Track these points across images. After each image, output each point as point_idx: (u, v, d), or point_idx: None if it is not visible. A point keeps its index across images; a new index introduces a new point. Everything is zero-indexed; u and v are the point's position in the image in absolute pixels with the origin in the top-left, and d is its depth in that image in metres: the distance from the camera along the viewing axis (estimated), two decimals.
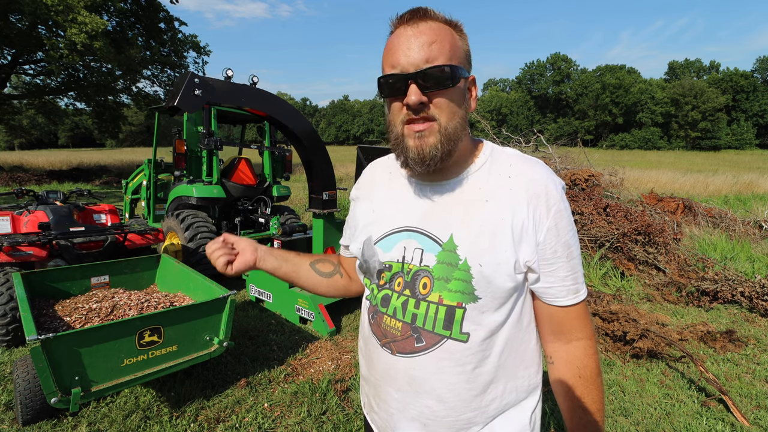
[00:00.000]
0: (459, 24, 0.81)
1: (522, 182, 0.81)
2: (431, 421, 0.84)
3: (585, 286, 0.85)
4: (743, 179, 14.94)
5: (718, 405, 2.63)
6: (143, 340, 2.18)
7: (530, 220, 0.79)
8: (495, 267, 0.78)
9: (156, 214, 5.73)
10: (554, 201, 0.80)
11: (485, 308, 0.79)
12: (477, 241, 0.79)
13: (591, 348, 0.85)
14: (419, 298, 0.82)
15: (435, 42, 0.75)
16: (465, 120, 0.81)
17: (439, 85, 0.75)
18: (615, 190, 7.37)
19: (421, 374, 0.83)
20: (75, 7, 11.76)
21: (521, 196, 0.80)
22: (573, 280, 0.82)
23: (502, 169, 0.84)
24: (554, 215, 0.79)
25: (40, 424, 2.30)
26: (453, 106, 0.77)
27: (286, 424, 2.41)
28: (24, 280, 2.71)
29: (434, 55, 0.74)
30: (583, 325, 0.85)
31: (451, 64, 0.75)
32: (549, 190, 0.80)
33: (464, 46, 0.80)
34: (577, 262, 0.83)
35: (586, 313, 0.86)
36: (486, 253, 0.78)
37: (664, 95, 65.64)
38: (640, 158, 34.92)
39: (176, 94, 2.84)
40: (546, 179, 0.81)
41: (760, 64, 71.53)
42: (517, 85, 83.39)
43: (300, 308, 3.74)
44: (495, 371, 0.82)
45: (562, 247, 0.80)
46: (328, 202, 3.81)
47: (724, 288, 4.29)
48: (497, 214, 0.79)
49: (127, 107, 21.77)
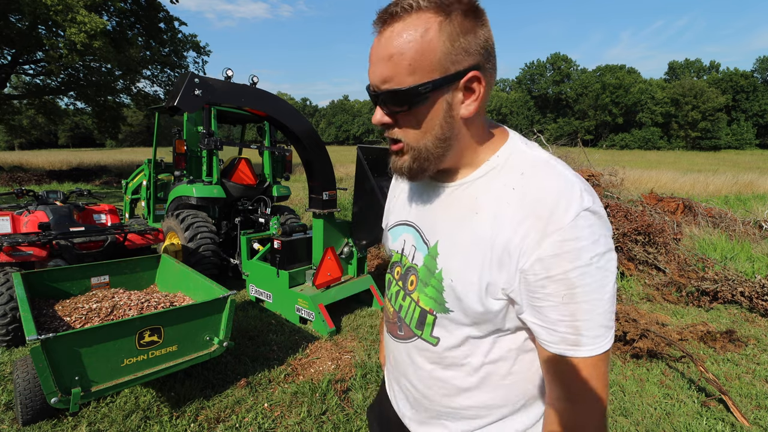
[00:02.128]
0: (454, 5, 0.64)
1: (525, 197, 0.68)
2: (414, 400, 0.89)
3: (599, 341, 0.66)
4: (743, 179, 14.95)
5: (718, 405, 2.63)
6: (143, 340, 2.18)
7: (518, 242, 0.66)
8: (464, 286, 0.72)
9: (156, 214, 5.73)
10: (557, 226, 0.63)
11: (457, 321, 0.76)
12: (453, 255, 0.75)
13: (587, 417, 0.68)
14: (407, 292, 0.85)
15: (393, 56, 0.65)
16: (447, 134, 0.70)
17: (396, 108, 0.69)
18: (615, 190, 7.38)
19: (400, 358, 0.89)
20: (74, 7, 11.76)
21: (519, 213, 0.67)
22: (571, 328, 0.65)
23: (509, 178, 0.71)
24: (553, 243, 0.63)
25: (40, 424, 2.30)
26: (420, 125, 0.70)
27: (286, 424, 2.41)
28: (24, 280, 2.71)
29: (389, 74, 0.66)
30: (585, 384, 0.67)
31: (408, 86, 0.65)
32: (556, 213, 0.64)
33: (448, 44, 0.64)
34: (584, 309, 0.64)
35: (594, 373, 0.67)
36: (458, 271, 0.73)
37: (664, 95, 65.65)
38: (640, 158, 34.93)
39: (176, 94, 2.83)
40: (557, 197, 0.65)
41: (760, 64, 71.56)
42: (517, 85, 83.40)
43: (300, 308, 3.74)
44: (473, 383, 0.79)
45: (556, 285, 0.64)
46: (328, 202, 3.81)
47: (724, 288, 4.29)
48: (483, 230, 0.71)
49: (127, 107, 21.77)
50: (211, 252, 4.40)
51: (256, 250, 4.40)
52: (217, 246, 4.50)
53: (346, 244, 4.13)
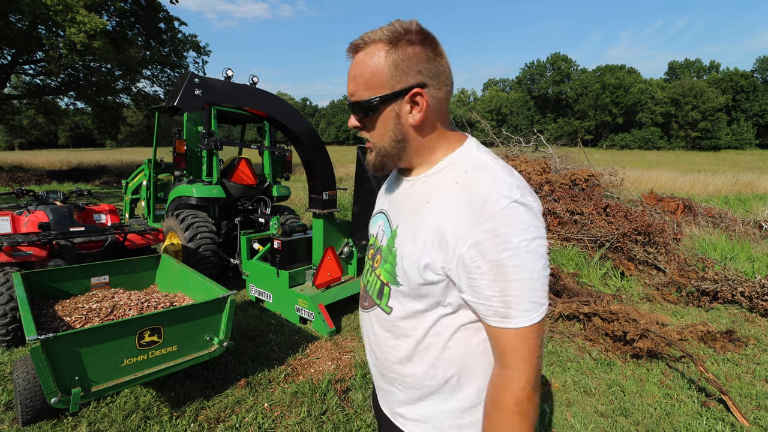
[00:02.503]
0: (402, 38, 0.81)
1: (465, 191, 0.81)
2: (376, 366, 1.04)
3: (528, 314, 0.76)
4: (743, 179, 14.95)
5: (718, 405, 2.63)
6: (143, 340, 2.18)
7: (455, 229, 0.78)
8: (410, 262, 0.86)
9: (156, 214, 5.73)
10: (489, 215, 0.75)
11: (405, 294, 0.90)
12: (406, 237, 0.89)
13: (514, 380, 0.78)
14: (373, 269, 1.00)
15: (356, 77, 0.85)
16: (399, 137, 0.87)
17: (361, 115, 0.88)
18: (615, 190, 7.38)
19: (367, 327, 1.05)
20: (74, 7, 11.75)
21: (458, 204, 0.80)
22: (502, 302, 0.76)
23: (455, 175, 0.85)
24: (485, 231, 0.75)
25: (40, 424, 2.30)
26: (379, 129, 0.88)
27: (286, 424, 2.41)
28: (24, 280, 2.71)
29: (353, 89, 0.86)
30: (516, 353, 0.78)
31: (363, 99, 0.85)
32: (488, 203, 0.76)
33: (392, 67, 0.81)
34: (513, 286, 0.75)
35: (523, 343, 0.77)
36: (407, 248, 0.88)
37: (664, 95, 65.65)
38: (640, 158, 34.93)
39: (176, 94, 2.83)
40: (490, 191, 0.77)
41: (760, 64, 71.55)
42: (517, 85, 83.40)
43: (300, 308, 3.74)
44: (415, 352, 0.91)
45: (489, 265, 0.75)
46: (328, 202, 3.81)
47: (724, 288, 4.29)
48: (429, 217, 0.85)
49: (127, 107, 21.76)
50: (211, 252, 4.40)
51: (256, 250, 4.40)
52: (217, 246, 4.50)
53: (346, 244, 4.13)
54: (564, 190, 6.20)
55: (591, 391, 2.82)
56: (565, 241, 5.56)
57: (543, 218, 0.81)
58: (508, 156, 7.64)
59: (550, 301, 4.22)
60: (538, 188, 6.28)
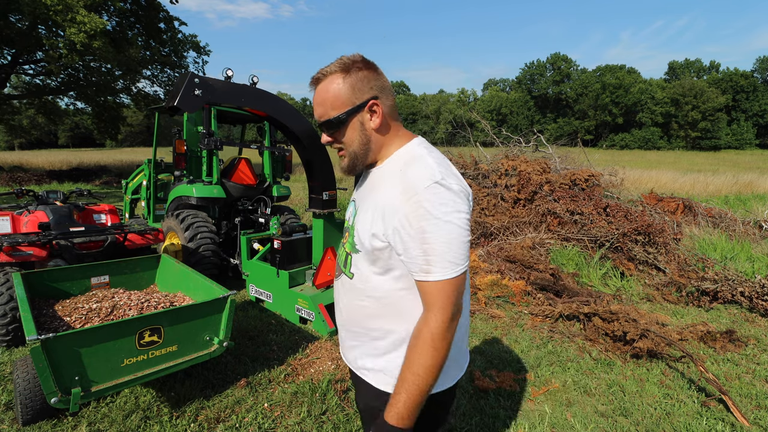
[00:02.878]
0: (351, 66, 1.06)
1: (402, 177, 1.03)
2: (343, 325, 1.26)
3: (445, 270, 0.97)
4: (743, 179, 14.95)
5: (718, 405, 2.63)
6: (143, 340, 2.18)
7: (392, 205, 1.01)
8: (362, 232, 1.10)
9: (156, 214, 5.72)
10: (412, 193, 0.97)
11: (362, 259, 1.12)
12: (362, 213, 1.12)
13: (431, 321, 0.98)
14: (342, 244, 1.23)
15: (322, 102, 1.08)
16: (365, 140, 1.11)
17: (332, 131, 1.11)
18: (615, 190, 7.37)
19: (335, 292, 1.29)
20: (74, 7, 11.75)
21: (397, 186, 1.02)
22: (424, 260, 0.97)
23: (398, 165, 1.09)
24: (411, 205, 0.97)
25: (40, 424, 2.30)
26: (348, 137, 1.11)
27: (286, 424, 2.41)
28: (24, 280, 2.71)
29: (322, 111, 1.09)
30: (434, 300, 0.99)
31: (333, 117, 1.07)
32: (414, 186, 0.98)
33: (350, 89, 1.05)
34: (433, 248, 0.96)
35: (442, 293, 0.98)
36: (361, 222, 1.11)
37: (664, 95, 65.62)
38: (640, 158, 34.93)
39: (176, 94, 2.83)
40: (419, 176, 1.00)
41: (760, 64, 71.52)
42: (517, 85, 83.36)
43: (300, 308, 3.74)
44: (377, 310, 1.12)
45: (415, 231, 0.97)
46: (328, 202, 3.80)
47: (724, 288, 4.29)
48: (377, 196, 1.08)
49: (127, 107, 21.75)
50: (211, 252, 4.40)
51: (256, 250, 4.40)
52: (217, 246, 4.50)
53: None
54: (564, 190, 6.20)
55: (591, 391, 2.82)
56: (565, 241, 5.56)
57: (468, 199, 1.03)
58: (507, 156, 7.64)
59: (551, 300, 4.22)
60: (538, 188, 6.28)
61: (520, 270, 4.71)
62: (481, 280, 4.48)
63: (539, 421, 2.49)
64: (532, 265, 4.77)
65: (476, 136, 11.12)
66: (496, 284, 4.44)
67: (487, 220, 5.98)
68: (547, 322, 3.87)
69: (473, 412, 2.55)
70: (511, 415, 2.55)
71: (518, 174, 6.59)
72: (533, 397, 2.73)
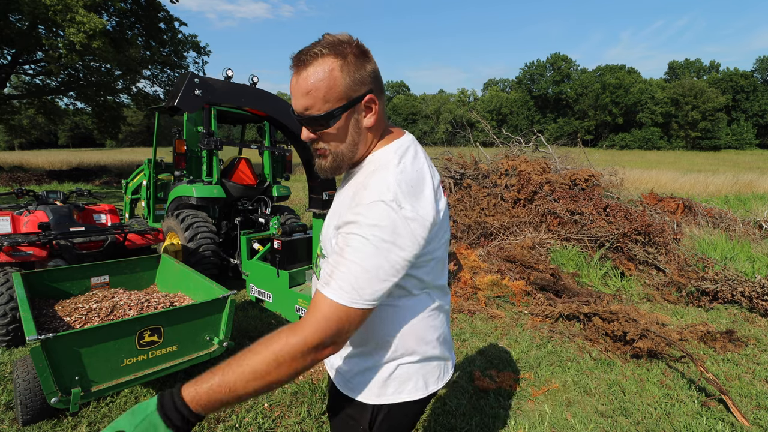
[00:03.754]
0: (347, 50, 0.88)
1: (362, 184, 0.92)
2: None
3: (340, 293, 0.82)
4: (743, 179, 14.95)
5: (718, 405, 2.63)
6: (143, 340, 2.18)
7: (345, 207, 0.93)
8: (324, 235, 1.04)
9: (156, 214, 5.72)
10: (358, 203, 0.87)
11: (326, 263, 1.00)
12: (330, 216, 1.05)
13: (296, 334, 0.80)
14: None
15: (310, 92, 0.88)
16: (356, 140, 0.96)
17: (317, 128, 0.93)
18: (615, 190, 7.37)
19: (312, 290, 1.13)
20: (74, 7, 11.75)
21: (353, 192, 0.94)
22: (329, 274, 0.85)
23: (365, 172, 0.98)
24: (352, 215, 0.86)
25: (40, 424, 2.30)
26: (337, 137, 0.94)
27: (286, 424, 2.41)
28: (24, 280, 2.71)
29: (309, 104, 0.89)
30: (312, 316, 0.82)
31: (324, 112, 0.89)
32: (363, 197, 0.87)
33: (348, 78, 0.88)
34: (344, 265, 0.83)
35: (323, 314, 0.82)
36: (326, 225, 1.05)
37: (664, 95, 65.62)
38: (640, 158, 34.93)
39: (176, 94, 2.83)
40: (373, 188, 0.87)
41: (760, 64, 71.53)
42: (517, 85, 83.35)
43: (300, 308, 3.74)
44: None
45: (341, 239, 0.87)
46: (328, 202, 3.80)
47: (724, 288, 4.29)
48: (339, 199, 1.03)
49: (127, 107, 21.75)
50: (211, 252, 4.40)
51: (256, 250, 4.40)
52: (217, 246, 4.50)
53: None
54: (564, 190, 6.20)
55: (591, 391, 2.82)
56: (565, 241, 5.56)
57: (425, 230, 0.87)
58: (508, 156, 7.64)
59: (551, 301, 4.22)
60: (538, 188, 6.28)
61: (520, 270, 4.71)
62: (481, 280, 4.48)
63: (539, 421, 2.49)
64: (532, 265, 4.77)
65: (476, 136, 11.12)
66: (496, 284, 4.44)
67: (487, 220, 5.99)
68: (547, 322, 3.87)
69: (473, 412, 2.55)
70: (511, 415, 2.55)
71: (518, 174, 6.59)
72: (533, 397, 2.73)
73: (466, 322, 3.85)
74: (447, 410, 2.56)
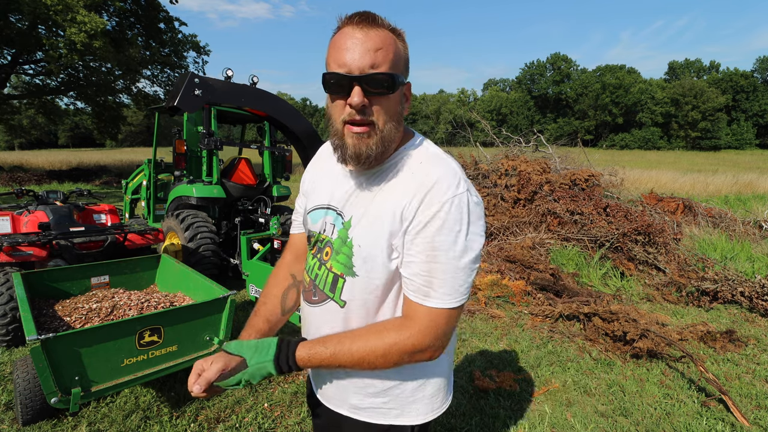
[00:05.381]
0: (402, 33, 0.86)
1: (419, 177, 0.86)
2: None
3: (446, 299, 0.82)
4: (743, 179, 14.95)
5: (718, 405, 2.63)
6: (143, 340, 2.18)
7: (408, 209, 0.84)
8: (369, 249, 0.88)
9: (156, 214, 5.72)
10: (437, 199, 0.81)
11: (361, 284, 0.90)
12: (361, 225, 0.90)
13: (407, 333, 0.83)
14: (322, 262, 0.98)
15: (381, 49, 0.80)
16: (400, 123, 0.89)
17: (380, 91, 0.82)
18: (615, 190, 7.37)
19: (314, 321, 1.01)
20: (74, 7, 11.76)
21: (411, 189, 0.85)
22: (425, 281, 0.83)
23: (411, 165, 0.89)
24: (432, 214, 0.81)
25: (40, 424, 2.30)
26: (391, 110, 0.85)
27: (286, 424, 2.41)
28: (24, 280, 2.70)
29: (379, 61, 0.80)
30: (420, 323, 0.83)
31: (393, 73, 0.81)
32: (438, 187, 0.82)
33: (405, 55, 0.86)
34: (440, 269, 0.81)
35: (433, 321, 0.83)
36: (365, 236, 0.88)
37: (664, 95, 65.64)
38: (640, 158, 34.93)
39: (176, 94, 2.84)
40: (441, 177, 0.84)
41: (760, 64, 71.54)
42: (517, 85, 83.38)
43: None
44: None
45: (425, 244, 0.82)
46: None
47: (724, 288, 4.29)
48: (386, 202, 0.87)
49: (127, 107, 21.76)
50: (211, 252, 4.40)
51: (256, 250, 4.40)
52: (217, 246, 4.49)
53: None
54: (564, 190, 6.20)
55: (591, 391, 2.82)
56: (565, 241, 5.56)
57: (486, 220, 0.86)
58: (507, 156, 7.63)
59: (551, 301, 4.22)
60: (538, 188, 6.28)
61: (520, 270, 4.71)
62: (481, 280, 4.48)
63: (539, 421, 2.49)
64: (532, 265, 4.77)
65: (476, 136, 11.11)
66: (496, 284, 4.44)
67: (487, 220, 5.99)
68: (547, 322, 3.87)
69: (473, 412, 2.55)
70: (511, 415, 2.55)
71: (518, 174, 6.59)
72: (533, 397, 2.73)
73: (466, 322, 3.85)
74: (447, 410, 2.56)
